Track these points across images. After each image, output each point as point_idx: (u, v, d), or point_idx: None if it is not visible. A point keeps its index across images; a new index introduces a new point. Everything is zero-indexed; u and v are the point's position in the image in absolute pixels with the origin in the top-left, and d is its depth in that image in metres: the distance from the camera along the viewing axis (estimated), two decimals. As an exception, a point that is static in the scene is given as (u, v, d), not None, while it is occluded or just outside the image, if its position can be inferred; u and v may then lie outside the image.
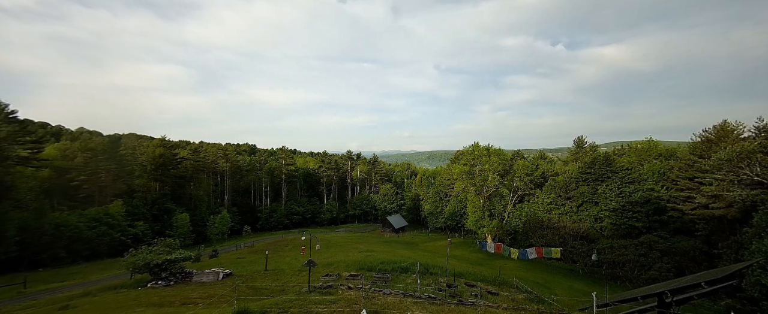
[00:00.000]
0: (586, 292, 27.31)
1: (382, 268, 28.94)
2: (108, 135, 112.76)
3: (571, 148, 75.02)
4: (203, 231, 66.23)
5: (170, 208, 64.96)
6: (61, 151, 64.48)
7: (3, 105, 44.46)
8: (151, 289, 22.45)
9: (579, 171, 53.64)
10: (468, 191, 59.90)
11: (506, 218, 57.44)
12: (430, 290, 21.34)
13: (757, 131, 37.93)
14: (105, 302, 19.37)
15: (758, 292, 24.34)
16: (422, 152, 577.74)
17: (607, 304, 19.63)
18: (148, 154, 69.82)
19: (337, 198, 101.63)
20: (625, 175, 48.01)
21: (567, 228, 47.84)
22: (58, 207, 51.95)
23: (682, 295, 15.87)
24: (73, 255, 47.27)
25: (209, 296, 19.44)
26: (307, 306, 15.44)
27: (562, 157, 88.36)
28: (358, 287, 19.48)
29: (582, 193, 50.98)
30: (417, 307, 15.97)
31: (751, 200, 31.33)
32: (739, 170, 33.60)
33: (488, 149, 62.91)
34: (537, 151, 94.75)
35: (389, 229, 75.37)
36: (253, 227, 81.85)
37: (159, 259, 23.86)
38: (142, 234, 54.92)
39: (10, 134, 44.20)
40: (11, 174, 43.81)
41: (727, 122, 41.35)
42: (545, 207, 53.83)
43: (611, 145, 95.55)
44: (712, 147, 39.92)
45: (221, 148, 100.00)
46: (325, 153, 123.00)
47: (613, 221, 46.39)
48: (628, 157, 58.31)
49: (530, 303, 20.70)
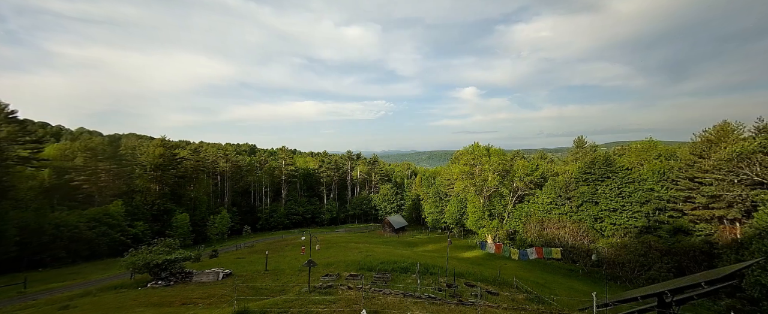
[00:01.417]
0: (586, 292, 27.31)
1: (382, 268, 28.94)
2: (108, 135, 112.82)
3: (571, 148, 75.08)
4: (203, 231, 66.24)
5: (170, 208, 64.95)
6: (61, 150, 64.48)
7: (3, 105, 44.46)
8: (151, 289, 22.44)
9: (579, 171, 53.62)
10: (468, 191, 59.89)
11: (506, 218, 57.41)
12: (430, 290, 21.34)
13: (757, 131, 37.94)
14: (105, 302, 19.36)
15: (758, 292, 24.36)
16: (422, 152, 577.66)
17: (607, 304, 19.62)
18: (148, 154, 69.80)
19: (337, 198, 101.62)
20: (625, 175, 48.00)
21: (567, 228, 47.84)
22: (58, 207, 51.94)
23: (682, 295, 15.87)
24: (73, 255, 47.22)
25: (209, 296, 19.44)
26: (307, 306, 15.43)
27: (562, 157, 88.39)
28: (358, 287, 19.46)
29: (582, 193, 50.98)
30: (417, 307, 15.96)
31: (751, 200, 31.34)
32: (739, 170, 33.62)
33: (488, 149, 62.93)
34: (537, 150, 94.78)
35: (389, 229, 75.35)
36: (253, 227, 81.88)
37: (159, 259, 23.87)
38: (142, 234, 54.89)
39: (10, 134, 44.21)
40: (11, 174, 43.81)
41: (727, 122, 41.36)
42: (545, 207, 53.81)
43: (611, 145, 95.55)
44: (712, 147, 39.91)
45: (221, 148, 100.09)
46: (325, 153, 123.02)
47: (613, 221, 46.39)
48: (628, 157, 58.30)
49: (530, 303, 20.69)
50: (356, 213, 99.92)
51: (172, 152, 71.84)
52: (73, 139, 78.73)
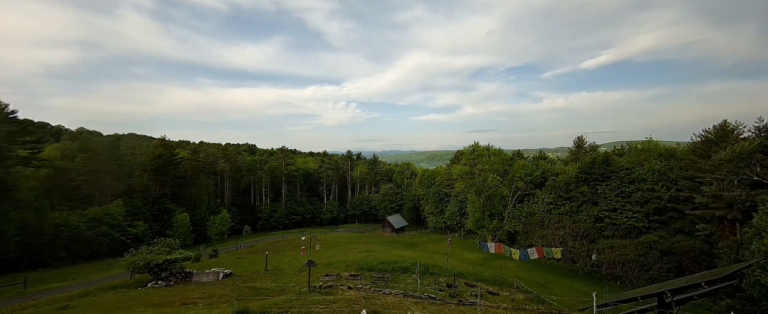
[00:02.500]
0: (586, 292, 27.33)
1: (382, 268, 28.95)
2: (108, 135, 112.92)
3: (571, 148, 75.04)
4: (203, 231, 66.25)
5: (170, 208, 64.97)
6: (61, 150, 64.53)
7: (3, 105, 44.47)
8: (151, 289, 22.45)
9: (579, 171, 53.59)
10: (468, 191, 59.86)
11: (506, 218, 57.42)
12: (430, 290, 21.35)
13: (757, 131, 37.93)
14: (105, 302, 19.37)
15: (758, 292, 24.38)
16: (422, 152, 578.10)
17: (607, 304, 19.65)
18: (148, 154, 69.84)
19: (337, 198, 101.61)
20: (625, 175, 47.99)
21: (567, 228, 47.83)
22: (58, 207, 51.95)
23: (682, 295, 15.89)
24: (73, 255, 47.26)
25: (209, 296, 19.44)
26: (307, 306, 15.44)
27: (562, 156, 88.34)
28: (358, 287, 19.47)
29: (582, 193, 50.97)
30: (417, 307, 15.96)
31: (751, 200, 31.33)
32: (739, 170, 33.62)
33: (488, 149, 62.87)
34: (537, 150, 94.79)
35: (389, 229, 75.40)
36: (253, 227, 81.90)
37: (159, 259, 23.87)
38: (142, 234, 54.91)
39: (10, 134, 44.22)
40: (11, 174, 43.82)
41: (727, 122, 41.34)
42: (545, 207, 53.80)
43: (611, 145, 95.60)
44: (712, 147, 39.88)
45: (221, 148, 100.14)
46: (325, 153, 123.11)
47: (613, 221, 46.38)
48: (628, 157, 58.22)
49: (530, 303, 20.70)
50: (356, 213, 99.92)
51: (171, 152, 71.87)
52: (73, 138, 78.76)
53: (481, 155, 60.08)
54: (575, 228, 47.42)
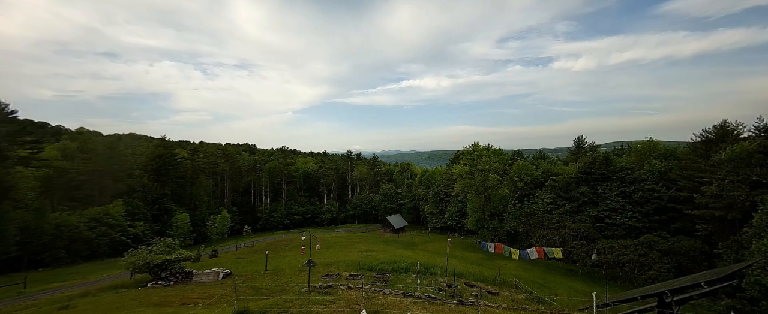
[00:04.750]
0: (586, 292, 27.36)
1: (382, 268, 28.97)
2: (108, 135, 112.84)
3: (571, 148, 75.07)
4: (203, 231, 66.23)
5: (170, 208, 64.98)
6: (61, 150, 64.54)
7: (3, 105, 44.46)
8: (151, 289, 22.46)
9: (579, 171, 53.58)
10: (468, 191, 59.85)
11: (506, 218, 57.40)
12: (430, 290, 21.36)
13: (757, 131, 37.94)
14: (105, 302, 19.37)
15: (758, 292, 24.36)
16: (422, 152, 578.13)
17: (607, 304, 19.66)
18: (148, 154, 69.86)
19: (337, 198, 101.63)
20: (625, 175, 48.00)
21: (567, 228, 47.83)
22: (58, 207, 52.01)
23: (682, 295, 15.90)
24: (73, 255, 47.29)
25: (209, 296, 19.44)
26: (307, 306, 15.45)
27: (561, 157, 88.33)
28: (358, 287, 19.49)
29: (582, 193, 50.96)
30: (417, 307, 15.96)
31: (751, 200, 31.31)
32: (739, 170, 33.61)
33: (488, 149, 62.85)
34: (537, 150, 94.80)
35: (389, 229, 75.37)
36: (253, 227, 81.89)
37: (159, 259, 23.88)
38: (142, 234, 54.92)
39: (10, 134, 44.22)
40: (11, 174, 43.82)
41: (727, 122, 41.35)
42: (545, 207, 53.79)
43: (611, 145, 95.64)
44: (712, 147, 39.89)
45: (221, 148, 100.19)
46: (325, 153, 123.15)
47: (613, 221, 46.37)
48: (628, 157, 58.25)
49: (530, 303, 20.70)
50: (356, 213, 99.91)
51: (171, 152, 71.91)
52: (73, 138, 78.78)
53: (481, 155, 60.05)
54: (575, 228, 47.43)
